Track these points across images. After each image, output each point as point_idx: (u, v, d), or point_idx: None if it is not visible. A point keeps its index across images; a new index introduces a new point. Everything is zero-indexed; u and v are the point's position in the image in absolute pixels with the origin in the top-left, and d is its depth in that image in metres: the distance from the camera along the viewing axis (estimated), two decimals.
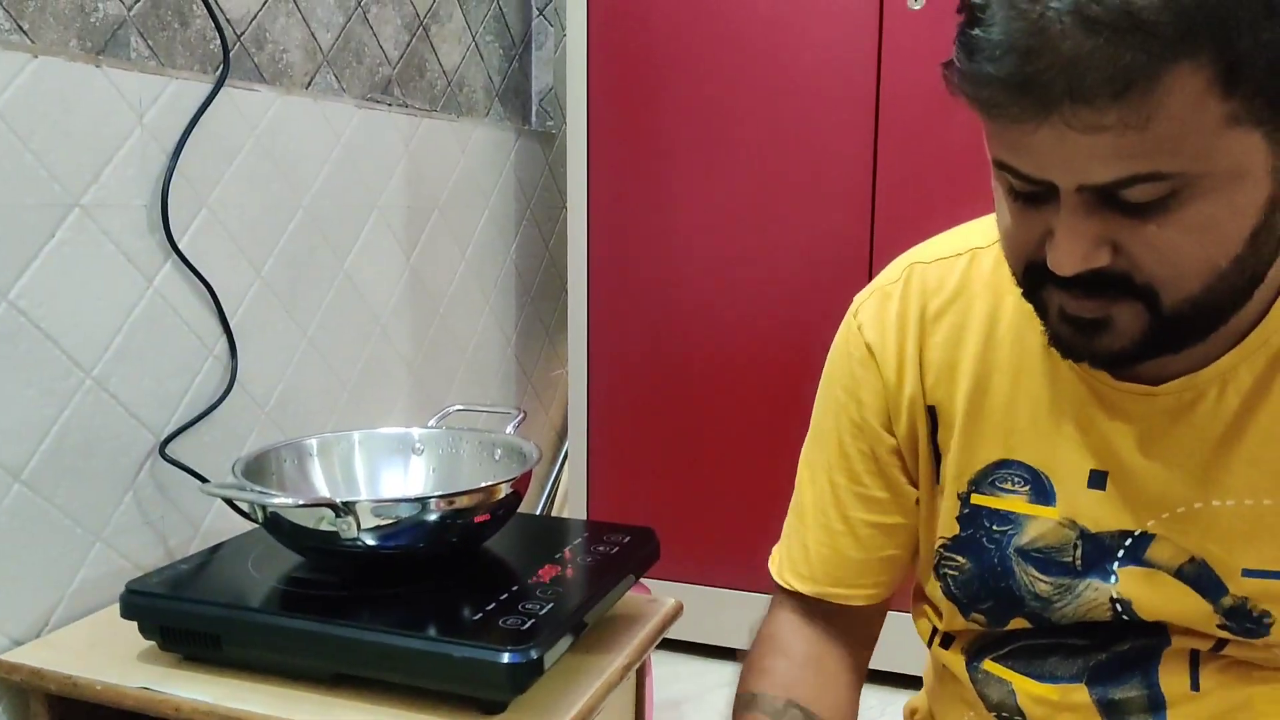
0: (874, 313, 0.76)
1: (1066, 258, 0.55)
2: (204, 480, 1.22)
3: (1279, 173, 0.54)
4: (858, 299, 0.79)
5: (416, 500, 0.99)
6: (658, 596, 1.20)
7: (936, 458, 0.75)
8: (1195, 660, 0.69)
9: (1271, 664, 0.67)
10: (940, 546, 0.76)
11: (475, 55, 1.93)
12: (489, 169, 1.96)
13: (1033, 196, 0.57)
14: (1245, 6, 0.48)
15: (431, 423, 1.24)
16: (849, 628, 0.81)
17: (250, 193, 1.35)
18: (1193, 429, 0.65)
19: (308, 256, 1.46)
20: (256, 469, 1.06)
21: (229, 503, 1.21)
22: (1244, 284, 0.59)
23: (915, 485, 0.77)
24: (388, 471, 1.18)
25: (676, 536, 1.86)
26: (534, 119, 2.15)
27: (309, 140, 1.45)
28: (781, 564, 0.83)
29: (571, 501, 1.95)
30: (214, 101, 1.26)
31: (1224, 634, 0.67)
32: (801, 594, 0.81)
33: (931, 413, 0.74)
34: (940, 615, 0.79)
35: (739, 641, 1.92)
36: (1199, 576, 0.66)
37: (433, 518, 0.98)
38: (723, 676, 1.83)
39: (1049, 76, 0.49)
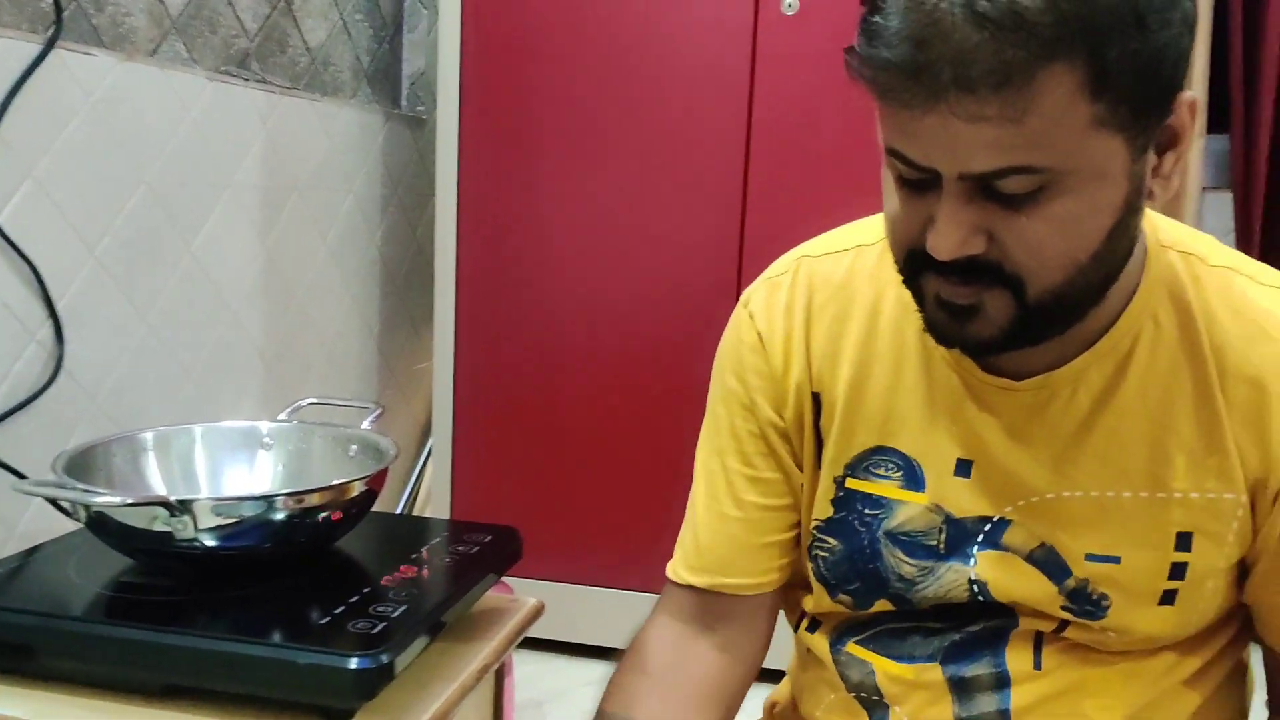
0: (763, 302, 0.78)
1: (945, 242, 0.58)
2: (21, 476, 1.12)
3: (1136, 177, 0.58)
4: (747, 291, 0.81)
5: (261, 498, 0.93)
6: (520, 596, 1.17)
7: (819, 443, 0.77)
8: (1039, 641, 0.73)
9: (1105, 647, 0.71)
10: (814, 528, 0.77)
11: (343, 33, 1.85)
12: (354, 152, 1.88)
13: (918, 184, 0.60)
14: (1117, 18, 0.52)
15: (282, 416, 1.17)
16: (734, 633, 0.80)
17: (84, 166, 1.24)
18: (1047, 425, 0.69)
19: (150, 237, 1.37)
20: (82, 465, 0.98)
21: (53, 502, 1.12)
22: (1099, 280, 0.62)
23: (801, 469, 0.78)
24: (232, 468, 1.11)
25: (543, 534, 1.83)
26: (404, 103, 2.08)
27: (153, 112, 1.36)
28: (677, 562, 0.82)
29: (435, 500, 1.90)
30: (43, 64, 1.16)
31: (1066, 615, 0.71)
32: (691, 593, 0.80)
33: (816, 399, 0.76)
34: (809, 595, 0.81)
35: (605, 639, 1.92)
36: (1047, 560, 0.70)
37: (279, 517, 0.92)
38: (586, 675, 1.81)
39: (938, 65, 0.53)
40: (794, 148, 1.70)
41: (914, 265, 0.63)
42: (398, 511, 2.05)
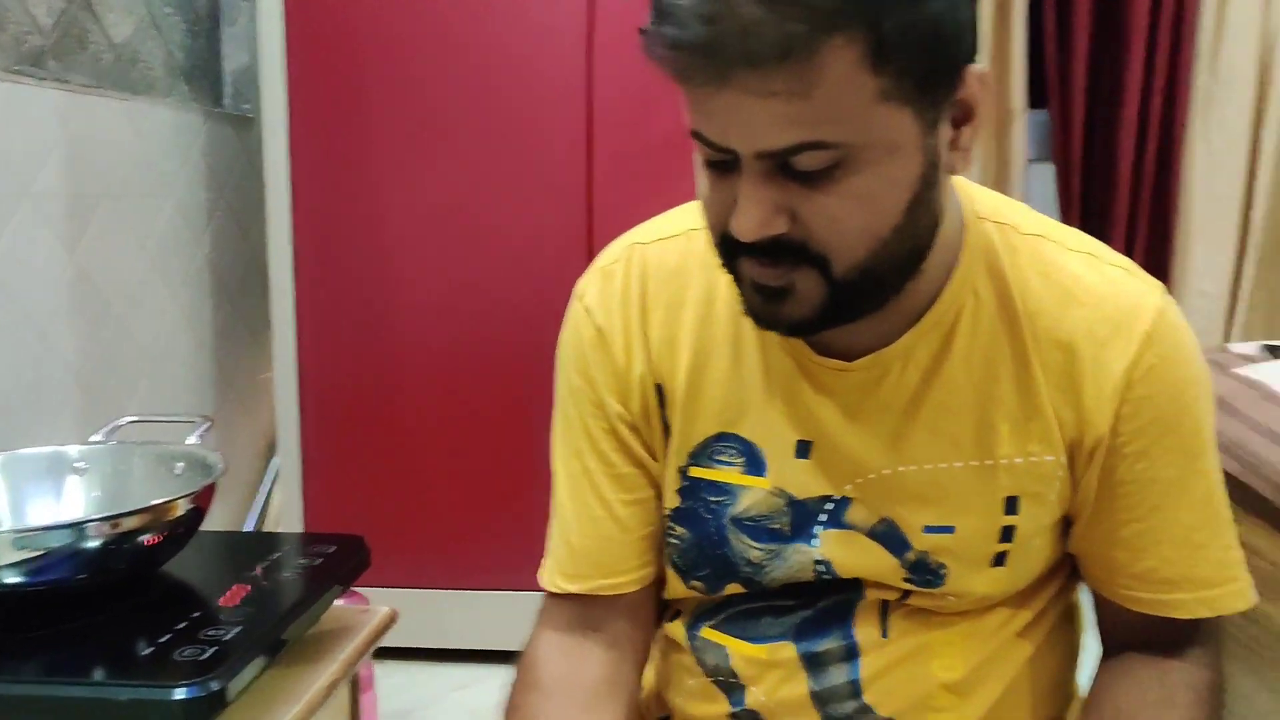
0: (599, 294, 0.77)
1: (746, 223, 0.59)
2: None
3: (929, 149, 0.60)
4: (580, 283, 0.79)
5: (69, 526, 0.86)
6: (374, 606, 1.12)
7: (667, 433, 0.76)
8: (885, 610, 0.74)
9: (947, 610, 0.74)
10: (665, 517, 0.77)
11: (151, 27, 1.73)
12: (172, 154, 1.77)
13: (722, 165, 0.60)
14: None
15: (97, 438, 1.09)
16: (622, 627, 0.79)
17: None
18: (881, 402, 0.70)
19: None
20: None
21: None
22: (905, 255, 0.63)
23: (656, 460, 0.78)
24: (38, 497, 1.02)
25: (402, 540, 1.79)
26: (227, 100, 1.97)
27: None
28: (551, 571, 0.80)
29: (287, 515, 1.81)
30: None
31: (908, 586, 0.73)
32: (572, 601, 0.78)
33: (660, 390, 0.75)
34: (665, 584, 0.81)
35: (475, 642, 1.88)
36: (888, 535, 0.72)
37: (92, 545, 0.85)
38: (455, 680, 1.78)
39: (726, 41, 0.53)
40: (638, 134, 1.70)
41: (728, 249, 0.63)
42: (248, 529, 1.95)
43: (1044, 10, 2.12)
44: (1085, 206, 2.21)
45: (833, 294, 0.61)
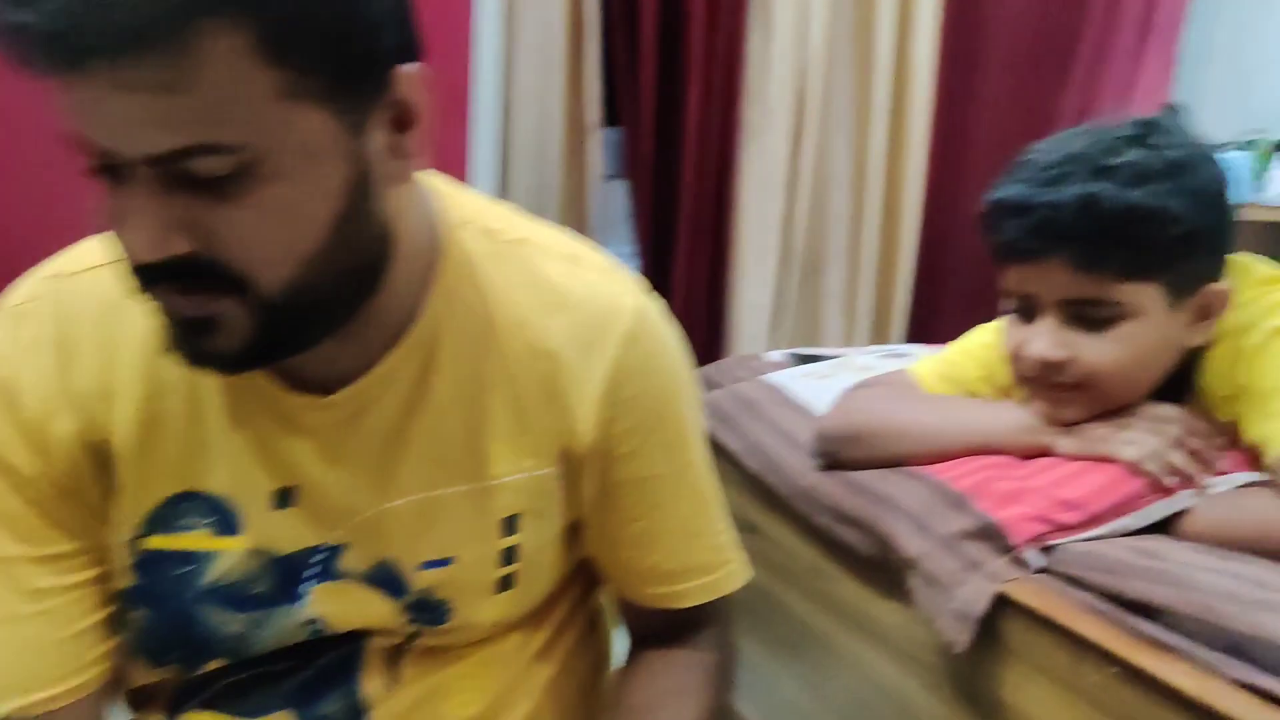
0: (6, 340, 0.63)
1: (136, 241, 0.52)
2: None
3: (358, 156, 0.54)
4: None
5: None
6: None
7: (113, 501, 0.64)
8: (393, 658, 0.69)
9: (460, 643, 0.70)
10: (118, 597, 0.66)
11: None
12: None
13: (111, 173, 0.51)
14: None
15: None
16: None
17: None
18: (366, 434, 0.65)
19: None
20: None
21: None
22: (350, 273, 0.57)
23: (103, 528, 0.65)
24: None
25: None
26: None
27: None
28: None
29: None
30: None
31: (413, 628, 0.68)
32: None
33: (97, 450, 0.63)
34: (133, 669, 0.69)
35: None
36: (384, 579, 0.66)
37: None
38: None
39: (73, 25, 0.46)
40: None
41: (140, 275, 0.54)
42: None
43: (613, 33, 2.21)
44: (655, 223, 2.34)
45: (263, 323, 0.54)
